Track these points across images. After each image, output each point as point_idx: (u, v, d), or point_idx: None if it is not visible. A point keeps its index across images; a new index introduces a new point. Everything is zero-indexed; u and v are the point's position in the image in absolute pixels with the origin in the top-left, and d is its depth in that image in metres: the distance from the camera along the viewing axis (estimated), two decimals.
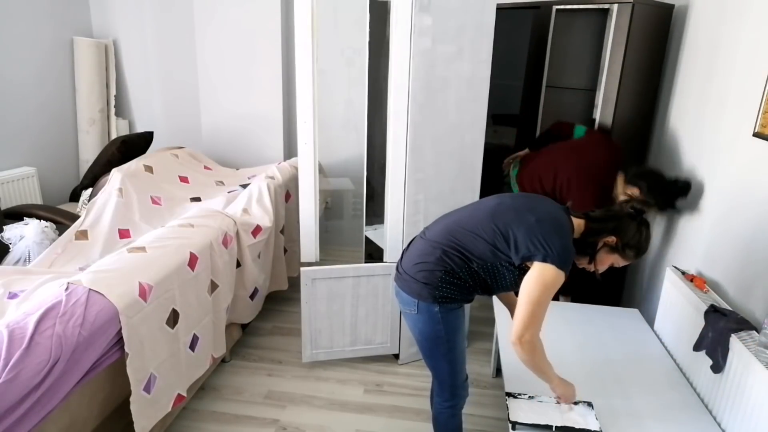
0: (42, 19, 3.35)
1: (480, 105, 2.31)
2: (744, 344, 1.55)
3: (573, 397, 1.60)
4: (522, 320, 1.41)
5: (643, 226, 1.54)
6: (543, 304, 1.41)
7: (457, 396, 1.69)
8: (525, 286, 1.43)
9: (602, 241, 1.53)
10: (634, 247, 1.52)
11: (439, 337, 1.57)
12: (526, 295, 1.42)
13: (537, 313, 1.41)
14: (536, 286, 1.41)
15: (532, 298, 1.41)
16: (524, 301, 1.42)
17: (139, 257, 1.87)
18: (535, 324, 1.42)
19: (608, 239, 1.52)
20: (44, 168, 3.42)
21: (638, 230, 1.52)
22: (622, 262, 1.56)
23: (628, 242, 1.51)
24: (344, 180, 3.83)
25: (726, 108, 2.01)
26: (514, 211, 1.53)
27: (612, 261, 1.56)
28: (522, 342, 1.42)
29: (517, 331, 1.42)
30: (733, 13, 2.04)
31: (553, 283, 1.41)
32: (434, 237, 1.59)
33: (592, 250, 1.54)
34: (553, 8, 2.68)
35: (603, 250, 1.54)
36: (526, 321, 1.41)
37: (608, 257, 1.55)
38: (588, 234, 1.54)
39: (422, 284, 1.54)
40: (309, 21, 2.09)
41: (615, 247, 1.53)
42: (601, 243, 1.53)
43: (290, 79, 3.70)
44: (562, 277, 1.42)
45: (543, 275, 1.41)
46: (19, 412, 1.32)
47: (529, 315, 1.41)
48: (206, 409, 2.24)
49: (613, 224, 1.53)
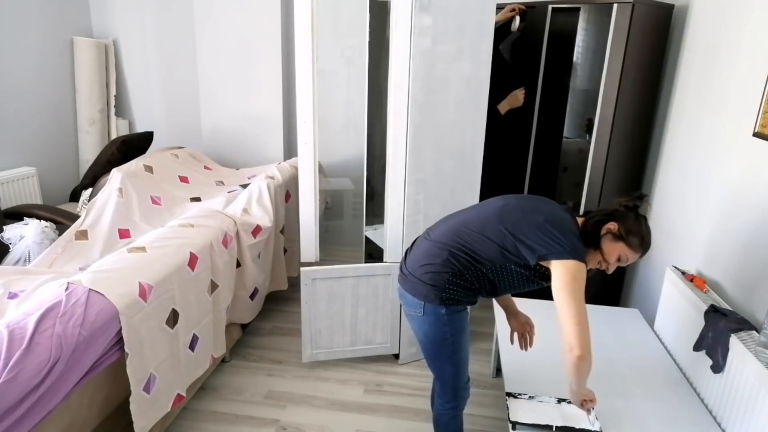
0: (42, 19, 3.35)
1: (480, 105, 2.31)
2: (744, 344, 1.55)
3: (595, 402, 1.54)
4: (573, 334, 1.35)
5: (640, 218, 1.53)
6: (582, 297, 1.38)
7: (459, 397, 1.69)
8: (559, 288, 1.38)
9: (604, 228, 1.51)
10: (637, 234, 1.49)
11: (445, 339, 1.56)
12: (568, 305, 1.36)
13: (582, 309, 1.37)
14: (569, 281, 1.38)
15: (571, 294, 1.36)
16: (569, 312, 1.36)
17: (139, 257, 1.87)
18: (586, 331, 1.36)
19: (610, 226, 1.50)
20: (44, 168, 3.42)
21: (637, 219, 1.51)
22: (629, 253, 1.50)
23: (630, 228, 1.49)
24: (344, 180, 3.83)
25: (726, 108, 2.01)
26: (522, 211, 1.52)
27: (619, 251, 1.50)
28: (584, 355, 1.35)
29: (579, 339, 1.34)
30: (733, 13, 2.04)
31: (580, 274, 1.39)
32: (440, 238, 1.57)
33: (596, 239, 1.52)
34: (549, 7, 2.67)
35: (607, 239, 1.51)
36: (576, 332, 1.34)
37: (614, 246, 1.50)
38: (590, 226, 1.53)
39: (429, 286, 1.52)
40: (309, 21, 2.09)
41: (618, 234, 1.49)
42: (604, 230, 1.51)
43: (290, 79, 3.70)
44: (585, 270, 1.40)
45: (569, 269, 1.38)
46: (19, 412, 1.32)
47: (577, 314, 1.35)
48: (206, 409, 2.24)
49: (611, 212, 1.53)
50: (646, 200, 1.53)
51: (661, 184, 2.57)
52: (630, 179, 2.71)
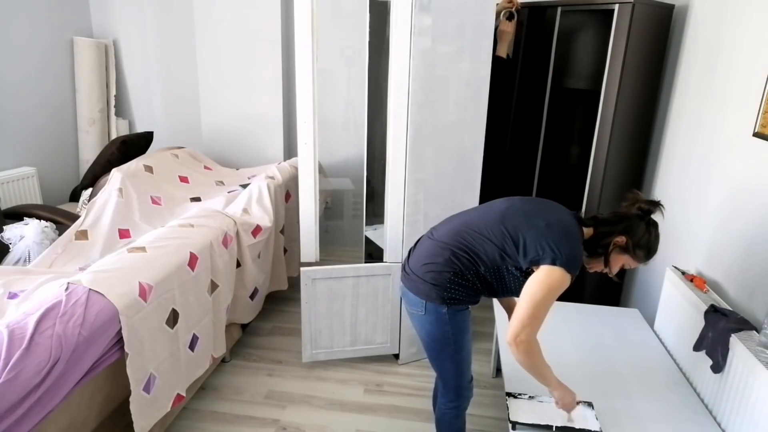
0: (42, 19, 3.35)
1: (480, 104, 2.31)
2: (744, 344, 1.55)
3: (572, 404, 1.57)
4: (521, 320, 1.40)
5: (651, 227, 1.53)
6: (545, 306, 1.40)
7: (462, 397, 1.69)
8: (529, 287, 1.42)
9: (613, 242, 1.52)
10: (645, 247, 1.51)
11: (446, 339, 1.57)
12: (528, 296, 1.41)
13: (537, 314, 1.40)
14: (541, 288, 1.40)
15: (534, 299, 1.40)
16: (525, 301, 1.41)
17: (139, 257, 1.87)
18: (534, 325, 1.41)
19: (618, 239, 1.51)
20: (44, 168, 3.42)
21: (647, 230, 1.51)
22: (633, 263, 1.55)
23: (638, 242, 1.50)
24: (344, 180, 3.83)
25: (726, 108, 2.01)
26: (524, 214, 1.52)
27: (623, 262, 1.55)
28: (518, 342, 1.40)
29: (514, 330, 1.41)
30: (733, 13, 2.04)
31: (558, 285, 1.40)
32: (442, 238, 1.58)
33: (604, 251, 1.54)
34: (558, 9, 2.67)
35: (614, 251, 1.53)
36: (525, 321, 1.40)
37: (620, 258, 1.54)
38: (598, 236, 1.54)
39: (431, 285, 1.53)
40: (309, 21, 2.09)
41: (625, 247, 1.52)
42: (612, 245, 1.53)
43: (290, 79, 3.71)
44: (569, 281, 1.41)
45: (550, 277, 1.40)
46: (19, 412, 1.32)
47: (528, 316, 1.40)
48: (206, 409, 2.24)
49: (622, 225, 1.52)
50: (661, 208, 1.52)
51: (661, 184, 2.57)
52: (630, 179, 2.71)
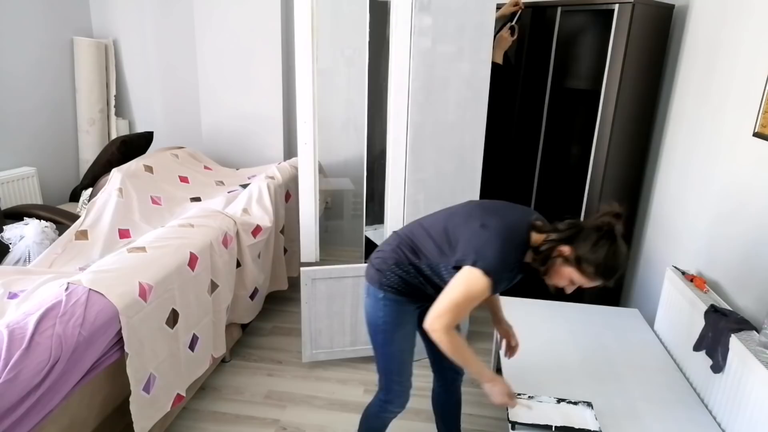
0: (42, 19, 3.35)
1: (480, 104, 2.31)
2: (744, 344, 1.55)
3: (504, 399, 1.48)
4: (436, 310, 1.40)
5: (605, 240, 1.32)
6: (460, 304, 1.39)
7: (390, 392, 1.65)
8: (451, 285, 1.42)
9: (556, 250, 1.38)
10: (593, 263, 1.32)
11: (377, 325, 1.59)
12: (448, 291, 1.41)
13: (453, 309, 1.40)
14: (458, 286, 1.39)
15: (452, 296, 1.39)
16: (444, 295, 1.41)
17: (139, 257, 1.87)
18: (448, 317, 1.39)
19: (563, 249, 1.37)
20: (44, 168, 3.42)
21: (596, 243, 1.32)
22: (584, 281, 1.37)
23: (584, 255, 1.33)
24: (344, 180, 3.83)
25: (726, 108, 2.01)
26: (468, 216, 1.51)
27: (569, 276, 1.38)
28: (432, 330, 1.41)
29: (429, 318, 1.41)
30: (733, 14, 2.04)
31: (476, 287, 1.36)
32: (400, 231, 1.66)
33: (545, 260, 1.41)
34: (558, 9, 2.67)
35: (558, 261, 1.38)
36: (440, 312, 1.40)
37: (563, 270, 1.38)
38: (544, 243, 1.41)
39: (375, 270, 1.60)
40: (309, 21, 2.09)
41: (568, 259, 1.36)
42: (556, 252, 1.38)
43: (290, 79, 3.70)
44: (488, 286, 1.36)
45: (467, 278, 1.38)
46: (19, 412, 1.32)
47: (443, 308, 1.39)
48: (206, 409, 2.24)
49: (568, 233, 1.37)
50: (620, 220, 1.36)
51: (661, 184, 2.57)
52: (630, 179, 2.71)
